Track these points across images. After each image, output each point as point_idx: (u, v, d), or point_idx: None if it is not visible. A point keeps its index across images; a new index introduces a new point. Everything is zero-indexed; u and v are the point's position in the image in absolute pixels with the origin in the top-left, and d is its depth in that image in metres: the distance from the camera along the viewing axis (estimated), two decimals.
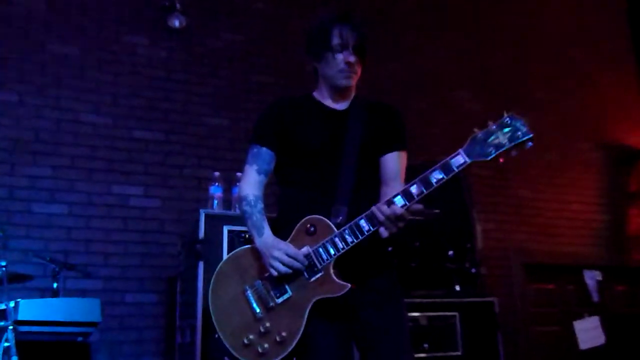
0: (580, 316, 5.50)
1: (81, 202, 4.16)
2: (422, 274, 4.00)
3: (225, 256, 3.35)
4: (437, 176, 1.94)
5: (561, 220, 5.94)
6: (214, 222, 3.50)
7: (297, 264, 2.02)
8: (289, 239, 2.09)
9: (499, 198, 5.68)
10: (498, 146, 1.93)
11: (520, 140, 1.92)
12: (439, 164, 1.95)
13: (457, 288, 3.99)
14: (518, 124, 1.94)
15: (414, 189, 1.95)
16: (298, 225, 2.09)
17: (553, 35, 6.56)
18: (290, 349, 2.01)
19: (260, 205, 2.19)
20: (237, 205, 2.28)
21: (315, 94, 2.33)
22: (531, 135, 1.91)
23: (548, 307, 5.66)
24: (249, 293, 2.10)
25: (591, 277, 5.77)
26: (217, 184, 3.82)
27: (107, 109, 4.39)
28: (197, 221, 3.53)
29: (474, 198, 4.71)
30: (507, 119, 1.95)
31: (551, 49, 6.49)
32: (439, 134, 5.42)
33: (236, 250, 2.22)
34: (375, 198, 2.08)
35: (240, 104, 4.80)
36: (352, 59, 2.18)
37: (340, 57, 2.18)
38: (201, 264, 3.40)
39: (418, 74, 5.69)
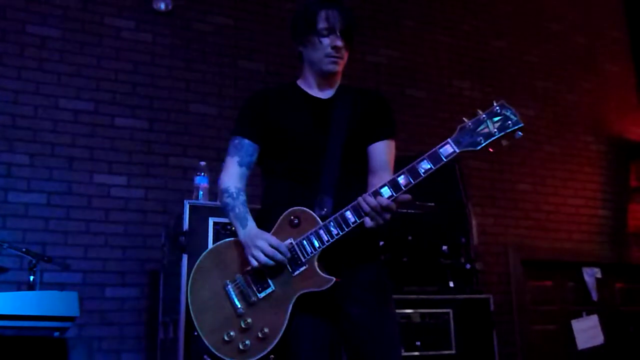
0: (578, 315, 5.54)
1: (60, 191, 4.13)
2: (414, 270, 4.00)
3: None
4: (425, 166, 1.95)
5: (560, 215, 5.96)
6: (199, 213, 3.48)
7: (279, 256, 2.02)
8: (272, 231, 2.09)
9: (497, 192, 5.69)
10: (488, 135, 1.94)
11: (510, 130, 1.93)
12: (426, 154, 1.96)
13: (451, 284, 4.00)
14: (508, 113, 1.94)
15: (401, 180, 1.96)
16: (281, 217, 2.09)
17: (555, 23, 6.56)
18: (272, 345, 2.01)
19: (243, 197, 2.20)
20: (219, 198, 2.27)
21: (300, 82, 2.34)
22: (521, 125, 1.92)
23: (546, 305, 5.67)
24: (230, 288, 2.09)
25: (590, 275, 5.81)
26: (202, 173, 3.80)
27: (89, 95, 4.35)
28: (182, 212, 3.51)
29: (470, 191, 4.72)
30: (497, 107, 1.95)
31: (553, 37, 6.49)
32: (438, 124, 5.43)
33: (217, 244, 2.23)
34: (362, 188, 2.08)
35: (228, 91, 4.77)
36: (339, 43, 2.19)
37: (326, 41, 2.19)
38: (185, 257, 3.38)
39: (416, 62, 5.68)
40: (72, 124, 4.26)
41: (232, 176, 2.23)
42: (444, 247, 4.02)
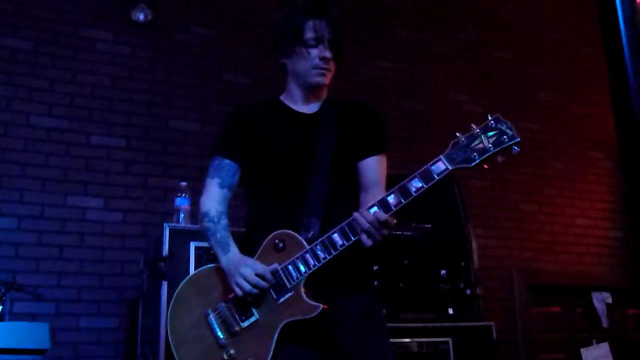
0: (588, 342, 5.55)
1: (32, 215, 4.13)
2: (411, 296, 4.00)
3: None
4: (416, 185, 1.97)
5: (568, 236, 5.99)
6: (180, 237, 3.49)
7: (263, 283, 2.02)
8: (255, 256, 2.10)
9: (499, 212, 5.72)
10: (482, 151, 1.95)
11: (506, 145, 1.94)
12: (418, 172, 1.98)
13: (451, 311, 4.00)
14: (504, 127, 1.96)
15: (391, 199, 1.97)
16: (265, 240, 2.10)
17: (561, 32, 6.63)
18: None
19: (225, 221, 2.21)
20: (200, 222, 2.28)
21: (283, 98, 2.36)
22: (518, 140, 1.94)
23: (553, 333, 5.68)
24: (212, 317, 2.10)
25: (600, 300, 5.83)
26: (184, 195, 3.81)
27: (63, 111, 4.37)
28: (161, 236, 3.52)
29: (471, 211, 4.74)
30: (492, 122, 1.97)
31: (559, 47, 6.56)
32: (435, 139, 5.46)
33: (197, 271, 2.24)
34: (351, 208, 2.08)
35: (212, 106, 4.80)
36: (327, 54, 2.21)
37: (314, 52, 2.20)
38: (165, 284, 3.38)
39: (412, 74, 5.73)
40: (44, 142, 4.27)
41: (213, 199, 2.23)
42: (443, 272, 4.03)
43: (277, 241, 2.08)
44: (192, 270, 3.40)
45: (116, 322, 4.18)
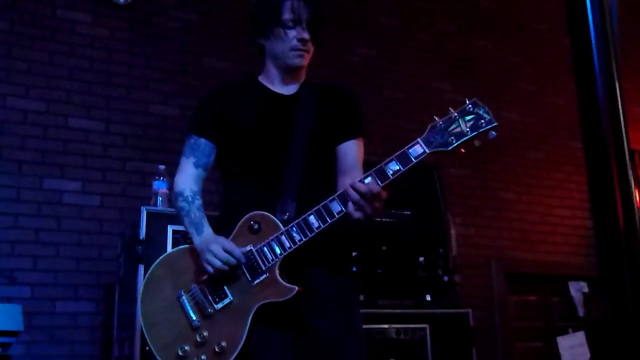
0: (564, 331, 5.60)
1: (7, 197, 4.08)
2: (389, 282, 4.01)
3: None
4: (393, 167, 1.95)
5: (546, 226, 6.03)
6: (157, 220, 3.47)
7: (232, 260, 2.00)
8: (230, 237, 2.08)
9: (479, 200, 5.74)
10: (459, 135, 1.95)
11: (483, 129, 1.94)
12: (395, 154, 1.97)
13: (428, 298, 4.02)
14: (481, 112, 1.96)
15: (367, 182, 1.95)
16: (240, 222, 2.09)
17: (542, 23, 6.65)
18: None
19: (199, 202, 2.19)
20: (173, 202, 2.26)
21: (261, 78, 2.33)
22: (495, 124, 1.94)
23: (530, 321, 5.73)
24: (184, 299, 2.08)
25: (577, 289, 5.88)
26: (162, 178, 3.79)
27: (40, 93, 4.32)
28: (138, 220, 3.49)
29: (451, 199, 4.75)
30: (470, 106, 1.98)
31: (538, 38, 6.58)
32: (416, 127, 5.43)
33: (170, 252, 2.23)
34: (327, 191, 2.07)
35: (191, 91, 4.75)
36: (305, 35, 2.18)
37: (292, 33, 2.18)
38: (141, 268, 3.36)
39: (394, 62, 5.73)
40: (21, 124, 4.22)
41: (188, 178, 2.21)
42: (421, 259, 4.05)
43: (252, 222, 2.07)
44: None
45: (93, 307, 4.15)
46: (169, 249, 3.42)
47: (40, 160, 4.22)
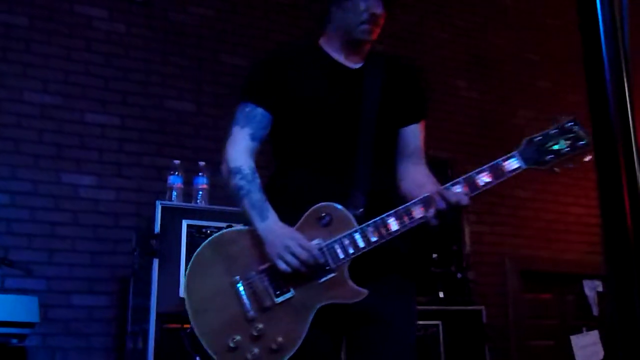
0: (578, 330, 5.56)
1: (24, 191, 4.12)
2: None
3: (183, 253, 3.37)
4: (485, 179, 1.91)
5: (561, 224, 6.00)
6: (172, 215, 3.49)
7: (311, 260, 1.83)
8: (295, 227, 1.90)
9: (494, 198, 5.71)
10: (557, 154, 1.88)
11: (581, 150, 1.86)
12: (488, 165, 1.90)
13: (441, 295, 4.02)
14: (581, 132, 1.88)
15: (457, 191, 1.87)
16: (308, 212, 1.90)
17: (558, 19, 6.60)
18: (286, 359, 1.86)
19: (258, 180, 1.96)
20: (227, 179, 2.00)
21: (324, 44, 2.13)
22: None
23: (544, 319, 5.71)
24: (241, 287, 1.89)
25: (592, 288, 5.84)
26: (177, 173, 3.81)
27: (57, 88, 4.35)
28: (153, 214, 3.52)
29: None
30: (570, 123, 1.90)
31: (554, 35, 6.53)
32: (431, 124, 5.43)
33: (220, 232, 2.01)
34: (393, 181, 1.96)
35: (208, 87, 4.78)
36: (379, 10, 2.01)
37: (363, 5, 1.99)
38: (156, 262, 3.38)
39: (409, 59, 5.69)
40: (38, 119, 4.25)
41: (244, 152, 1.97)
42: (434, 255, 4.05)
43: (323, 214, 1.89)
44: (183, 248, 3.40)
45: (107, 300, 4.18)
46: (183, 242, 3.45)
47: (56, 155, 4.26)
